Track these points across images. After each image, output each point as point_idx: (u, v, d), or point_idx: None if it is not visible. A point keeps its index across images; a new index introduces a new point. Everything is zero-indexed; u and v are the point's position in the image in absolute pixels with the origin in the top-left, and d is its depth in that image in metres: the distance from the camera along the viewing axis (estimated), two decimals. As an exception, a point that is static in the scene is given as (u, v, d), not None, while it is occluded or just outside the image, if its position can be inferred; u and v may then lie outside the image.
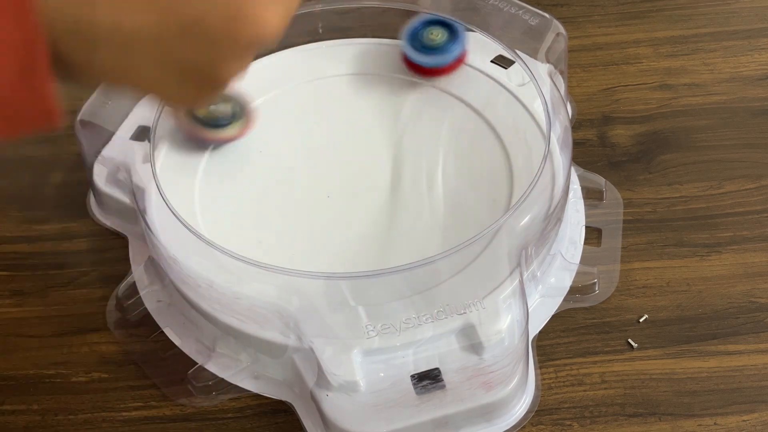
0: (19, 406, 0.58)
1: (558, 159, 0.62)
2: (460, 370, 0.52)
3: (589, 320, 0.60)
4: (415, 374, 0.52)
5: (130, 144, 0.64)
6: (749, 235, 0.64)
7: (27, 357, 0.60)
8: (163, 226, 0.58)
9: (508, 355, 0.53)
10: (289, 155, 0.64)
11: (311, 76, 0.70)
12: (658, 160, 0.70)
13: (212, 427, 0.56)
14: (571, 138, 0.63)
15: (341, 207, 0.61)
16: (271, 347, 0.55)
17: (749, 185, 0.67)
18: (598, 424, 0.55)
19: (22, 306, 0.63)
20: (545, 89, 0.64)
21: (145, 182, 0.61)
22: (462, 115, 0.66)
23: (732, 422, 0.55)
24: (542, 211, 0.58)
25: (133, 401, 0.58)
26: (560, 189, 0.60)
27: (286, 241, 0.59)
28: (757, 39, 0.79)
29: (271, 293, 0.54)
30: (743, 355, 0.58)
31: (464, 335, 0.53)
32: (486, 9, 0.69)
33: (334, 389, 0.51)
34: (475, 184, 0.61)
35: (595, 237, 0.64)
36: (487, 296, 0.54)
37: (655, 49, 0.78)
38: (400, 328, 0.53)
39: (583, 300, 0.61)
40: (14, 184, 0.70)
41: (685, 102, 0.74)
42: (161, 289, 0.61)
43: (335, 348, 0.52)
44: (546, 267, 0.61)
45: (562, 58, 0.67)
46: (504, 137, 0.64)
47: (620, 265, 0.63)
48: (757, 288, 0.61)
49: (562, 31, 0.67)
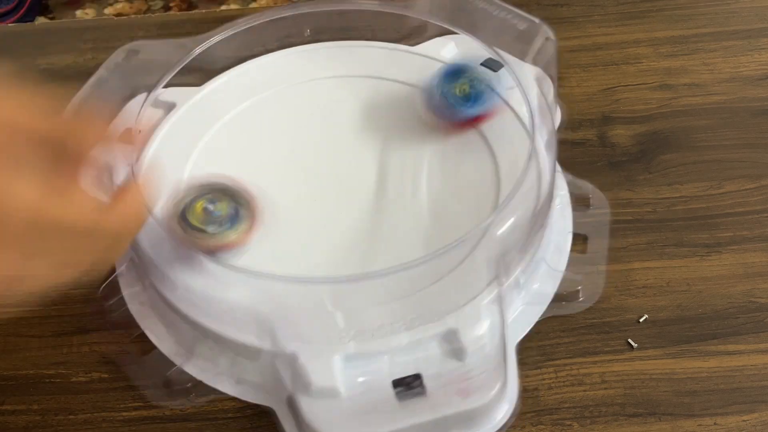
0: (19, 406, 0.58)
1: (544, 163, 0.61)
2: (440, 375, 0.52)
3: (589, 320, 0.60)
4: (395, 380, 0.52)
5: (115, 146, 0.64)
6: (749, 235, 0.64)
7: (27, 357, 0.60)
8: (145, 229, 0.57)
9: (488, 361, 0.53)
10: (274, 157, 0.64)
11: (299, 78, 0.69)
12: (658, 160, 0.70)
13: (212, 427, 0.56)
14: (557, 142, 0.62)
15: (325, 210, 0.61)
16: (248, 351, 0.55)
17: (749, 185, 0.67)
18: (598, 424, 0.55)
19: (22, 306, 0.63)
20: (531, 94, 0.63)
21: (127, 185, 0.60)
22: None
23: (732, 422, 0.55)
24: (526, 215, 0.58)
25: (133, 401, 0.58)
26: (545, 193, 0.59)
27: (267, 244, 0.58)
28: (757, 39, 0.79)
29: (247, 297, 0.54)
30: (743, 355, 0.58)
31: (445, 341, 0.53)
32: (476, 12, 0.69)
33: (312, 394, 0.51)
34: (461, 189, 0.61)
35: (582, 243, 0.64)
36: (468, 303, 0.54)
37: (655, 49, 0.78)
38: (379, 333, 0.53)
39: (567, 307, 0.61)
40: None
41: (685, 102, 0.74)
42: (142, 291, 0.61)
43: (313, 353, 0.52)
44: (530, 274, 0.60)
45: (551, 63, 0.67)
46: (491, 141, 0.63)
47: (605, 273, 0.62)
48: (757, 288, 0.61)
49: (551, 35, 0.66)
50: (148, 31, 0.83)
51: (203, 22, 0.84)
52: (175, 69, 0.65)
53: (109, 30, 0.83)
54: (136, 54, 0.69)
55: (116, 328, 0.61)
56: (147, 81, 0.66)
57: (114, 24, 0.84)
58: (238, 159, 0.64)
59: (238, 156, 0.64)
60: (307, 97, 0.68)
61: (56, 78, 0.79)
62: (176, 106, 0.67)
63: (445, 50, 0.70)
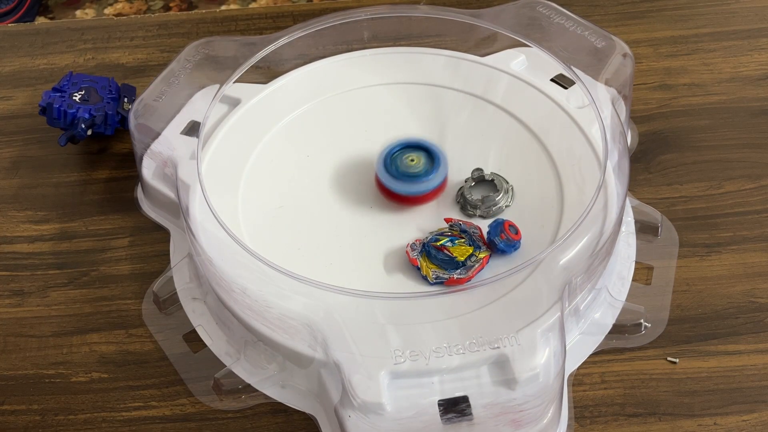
0: (19, 406, 0.58)
1: (612, 189, 0.59)
2: (489, 405, 0.50)
3: (589, 320, 0.60)
4: (442, 400, 0.50)
5: (180, 139, 0.64)
6: (749, 235, 0.64)
7: (27, 357, 0.60)
8: (204, 225, 0.58)
9: (542, 394, 0.50)
10: (334, 164, 0.63)
11: (357, 84, 0.69)
12: (658, 160, 0.70)
13: (212, 427, 0.56)
14: (629, 167, 0.60)
15: (383, 219, 0.60)
16: (298, 358, 0.54)
17: (749, 185, 0.67)
18: (598, 424, 0.55)
19: (22, 306, 0.63)
20: (605, 114, 0.61)
21: (190, 179, 0.61)
22: (515, 133, 0.64)
23: (732, 422, 0.55)
24: (591, 244, 0.55)
25: (133, 401, 0.58)
26: (612, 222, 0.57)
27: (324, 252, 0.58)
28: (757, 39, 0.79)
29: (301, 305, 0.53)
30: (743, 355, 0.58)
31: (497, 368, 0.51)
32: (551, 27, 0.67)
33: (357, 409, 0.50)
34: (524, 208, 0.59)
35: (645, 274, 0.62)
36: (523, 328, 0.52)
37: (655, 49, 0.78)
38: (430, 355, 0.51)
39: (626, 340, 0.58)
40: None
41: (685, 102, 0.74)
42: (197, 287, 0.61)
43: (362, 367, 0.51)
44: (590, 302, 0.58)
45: (627, 83, 0.66)
46: (557, 161, 0.61)
47: (669, 308, 0.60)
48: (757, 288, 0.61)
49: (628, 52, 0.65)
50: (148, 31, 0.83)
51: (203, 22, 0.84)
52: (244, 66, 0.65)
53: (109, 30, 0.83)
54: (206, 50, 0.69)
55: (167, 322, 0.61)
56: (214, 76, 0.67)
57: (114, 24, 0.84)
58: (299, 161, 0.64)
59: (298, 157, 0.64)
60: (371, 102, 0.67)
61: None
62: (241, 102, 0.67)
63: (516, 63, 0.69)
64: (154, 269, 0.64)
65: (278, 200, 0.61)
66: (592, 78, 0.64)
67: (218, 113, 0.66)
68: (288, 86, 0.69)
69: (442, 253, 0.55)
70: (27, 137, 0.74)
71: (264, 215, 0.60)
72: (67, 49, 0.82)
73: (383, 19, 0.70)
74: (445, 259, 0.55)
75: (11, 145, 0.74)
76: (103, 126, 0.70)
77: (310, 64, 0.70)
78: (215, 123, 0.66)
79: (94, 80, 0.71)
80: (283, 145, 0.65)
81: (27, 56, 0.82)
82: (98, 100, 0.70)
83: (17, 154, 0.73)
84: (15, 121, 0.76)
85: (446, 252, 0.55)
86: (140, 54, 0.81)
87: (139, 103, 0.66)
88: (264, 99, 0.68)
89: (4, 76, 0.80)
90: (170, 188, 0.63)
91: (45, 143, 0.73)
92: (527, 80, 0.67)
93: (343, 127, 0.64)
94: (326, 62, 0.71)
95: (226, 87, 0.65)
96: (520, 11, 0.70)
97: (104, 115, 0.69)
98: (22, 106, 0.77)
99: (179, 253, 0.64)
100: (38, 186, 0.71)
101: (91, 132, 0.69)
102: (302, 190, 0.62)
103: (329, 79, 0.69)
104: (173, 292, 0.61)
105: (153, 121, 0.65)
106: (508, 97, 0.66)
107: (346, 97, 0.68)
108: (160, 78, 0.67)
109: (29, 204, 0.69)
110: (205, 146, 0.64)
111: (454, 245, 0.55)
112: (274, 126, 0.66)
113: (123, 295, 0.63)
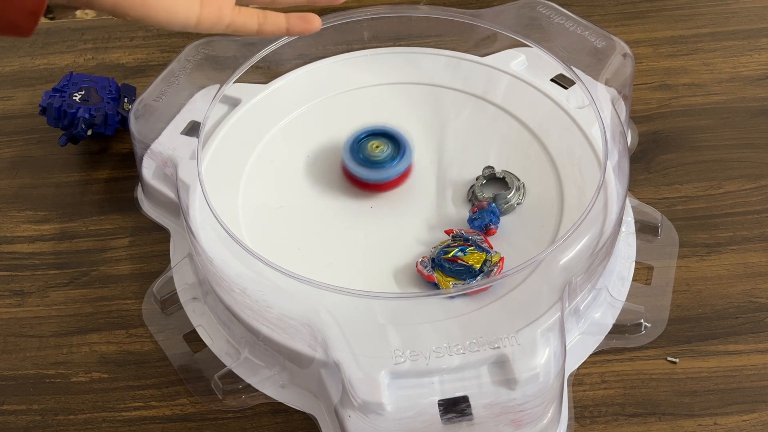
0: (19, 406, 0.58)
1: (612, 189, 0.59)
2: (489, 405, 0.50)
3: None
4: (442, 400, 0.50)
5: (180, 139, 0.64)
6: (749, 235, 0.64)
7: (27, 357, 0.60)
8: (204, 225, 0.58)
9: (542, 394, 0.50)
10: (334, 164, 0.63)
11: (357, 84, 0.69)
12: (658, 160, 0.70)
13: (212, 427, 0.56)
14: (629, 167, 0.60)
15: (383, 220, 0.60)
16: (298, 358, 0.54)
17: (749, 185, 0.67)
18: (598, 424, 0.55)
19: (22, 306, 0.63)
20: (605, 114, 0.61)
21: (190, 179, 0.61)
22: (515, 133, 0.64)
23: (732, 422, 0.55)
24: (591, 244, 0.56)
25: (133, 401, 0.58)
26: (612, 222, 0.57)
27: (324, 252, 0.58)
28: (757, 39, 0.79)
29: (301, 305, 0.53)
30: (743, 355, 0.58)
31: (497, 368, 0.51)
32: (551, 27, 0.67)
33: (357, 409, 0.50)
34: (524, 208, 0.59)
35: (645, 274, 0.62)
36: (524, 328, 0.52)
37: (655, 49, 0.78)
38: (430, 355, 0.51)
39: (626, 340, 0.58)
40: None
41: (685, 102, 0.74)
42: (197, 287, 0.61)
43: (362, 367, 0.51)
44: (590, 302, 0.58)
45: (627, 83, 0.65)
46: (557, 161, 0.61)
47: (669, 308, 0.60)
48: (757, 288, 0.61)
49: (628, 52, 0.64)
50: (148, 31, 0.83)
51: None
52: (244, 66, 0.65)
53: (109, 30, 0.83)
54: (206, 50, 0.69)
55: (168, 322, 0.61)
56: (214, 76, 0.67)
57: (114, 24, 0.84)
58: (298, 161, 0.64)
59: (298, 157, 0.64)
60: (371, 103, 0.67)
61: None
62: (241, 102, 0.67)
63: (516, 63, 0.69)
64: (154, 269, 0.64)
65: (278, 200, 0.61)
66: (592, 78, 0.64)
67: (218, 113, 0.66)
68: (288, 86, 0.69)
69: (455, 264, 0.55)
70: (27, 137, 0.74)
71: (264, 215, 0.60)
72: (67, 49, 0.82)
73: (383, 19, 0.70)
74: (460, 269, 0.55)
75: (11, 145, 0.74)
76: (103, 126, 0.70)
77: (310, 64, 0.70)
78: (215, 123, 0.66)
79: (94, 80, 0.72)
80: (283, 145, 0.65)
81: (27, 56, 0.82)
82: (98, 100, 0.70)
83: (17, 154, 0.73)
84: (15, 121, 0.76)
85: (460, 262, 0.55)
86: (140, 54, 0.81)
87: (139, 103, 0.66)
88: (264, 99, 0.68)
89: (4, 76, 0.80)
90: (170, 188, 0.63)
91: (45, 143, 0.73)
92: (527, 80, 0.67)
93: (343, 127, 0.64)
94: (326, 62, 0.71)
95: (226, 87, 0.65)
96: (520, 11, 0.70)
97: (104, 115, 0.69)
98: (22, 106, 0.77)
99: (179, 253, 0.64)
100: (38, 186, 0.71)
101: (91, 132, 0.69)
102: (302, 190, 0.62)
103: (329, 79, 0.69)
104: (173, 292, 0.61)
105: (153, 121, 0.65)
106: (508, 97, 0.66)
107: (346, 97, 0.68)
108: (160, 78, 0.67)
109: (29, 204, 0.69)
110: (205, 146, 0.64)
111: (466, 254, 0.55)
112: (274, 126, 0.66)
113: (123, 295, 0.63)
